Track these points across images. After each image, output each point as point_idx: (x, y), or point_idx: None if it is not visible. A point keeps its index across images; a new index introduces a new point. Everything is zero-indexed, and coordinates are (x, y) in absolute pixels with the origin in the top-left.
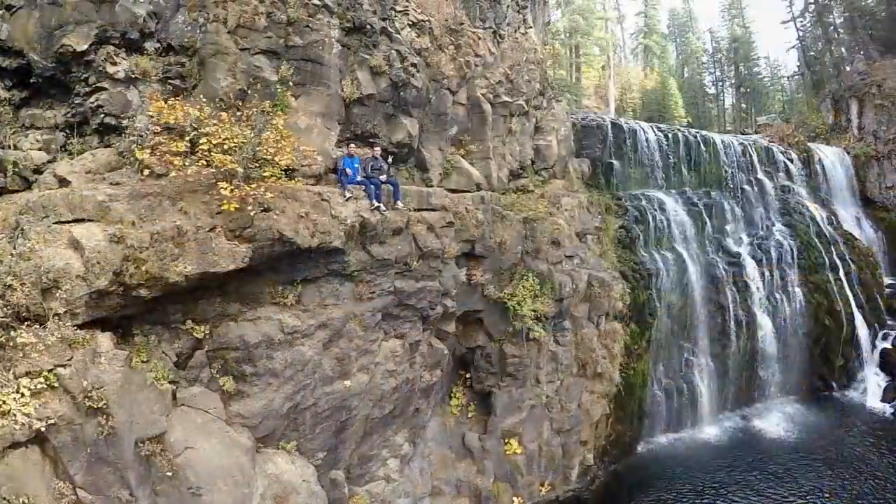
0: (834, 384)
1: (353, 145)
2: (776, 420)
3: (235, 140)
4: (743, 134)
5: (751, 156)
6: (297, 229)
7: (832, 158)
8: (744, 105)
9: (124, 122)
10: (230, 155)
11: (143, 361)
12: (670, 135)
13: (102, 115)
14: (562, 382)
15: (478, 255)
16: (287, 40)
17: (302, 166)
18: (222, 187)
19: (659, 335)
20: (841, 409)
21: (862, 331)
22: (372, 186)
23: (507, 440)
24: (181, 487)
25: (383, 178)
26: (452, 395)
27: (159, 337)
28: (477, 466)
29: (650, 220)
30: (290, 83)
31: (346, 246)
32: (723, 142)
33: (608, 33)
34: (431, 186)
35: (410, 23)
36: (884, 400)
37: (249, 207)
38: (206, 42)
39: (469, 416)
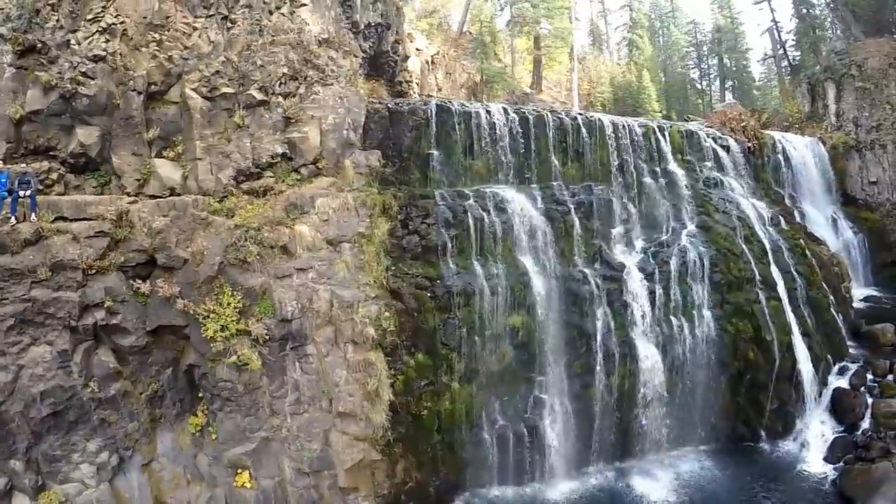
0: (763, 433)
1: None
2: (666, 480)
3: None
4: (686, 121)
5: (657, 142)
6: None
7: (801, 149)
8: (732, 99)
9: None
10: None
11: None
12: (531, 118)
13: None
14: (308, 417)
15: (162, 265)
16: None
17: None
18: None
19: (493, 367)
20: (766, 469)
21: (805, 365)
22: (10, 200)
23: (237, 471)
24: None
25: (21, 192)
26: (196, 412)
27: None
28: (211, 493)
29: (469, 222)
30: None
31: None
32: (613, 124)
33: (572, 23)
34: (129, 194)
35: (100, 29)
36: (828, 459)
37: None
38: None
39: (213, 437)
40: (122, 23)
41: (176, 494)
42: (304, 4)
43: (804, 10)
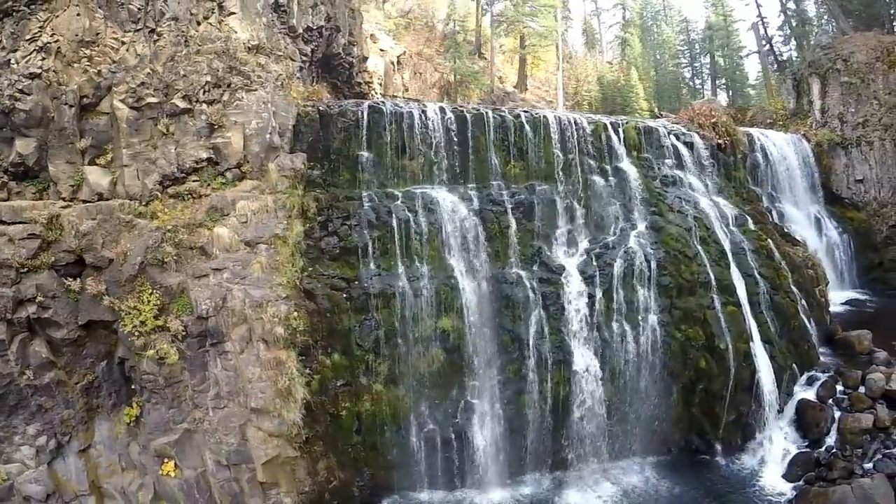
0: (718, 446)
1: None
2: (607, 493)
3: None
4: (657, 118)
5: (608, 139)
6: None
7: (782, 146)
8: (725, 97)
9: None
10: None
11: None
12: (469, 117)
13: None
14: (227, 411)
15: (91, 264)
16: None
17: None
18: None
19: (422, 370)
20: (718, 484)
21: (765, 375)
22: None
23: (163, 460)
24: None
25: None
26: (132, 404)
27: None
28: (141, 480)
29: (394, 224)
30: None
31: None
32: (559, 121)
33: (557, 22)
34: (64, 200)
35: (37, 48)
36: (787, 476)
37: None
38: None
39: (145, 427)
40: (56, 41)
41: (111, 480)
42: (233, 13)
43: (790, 5)
